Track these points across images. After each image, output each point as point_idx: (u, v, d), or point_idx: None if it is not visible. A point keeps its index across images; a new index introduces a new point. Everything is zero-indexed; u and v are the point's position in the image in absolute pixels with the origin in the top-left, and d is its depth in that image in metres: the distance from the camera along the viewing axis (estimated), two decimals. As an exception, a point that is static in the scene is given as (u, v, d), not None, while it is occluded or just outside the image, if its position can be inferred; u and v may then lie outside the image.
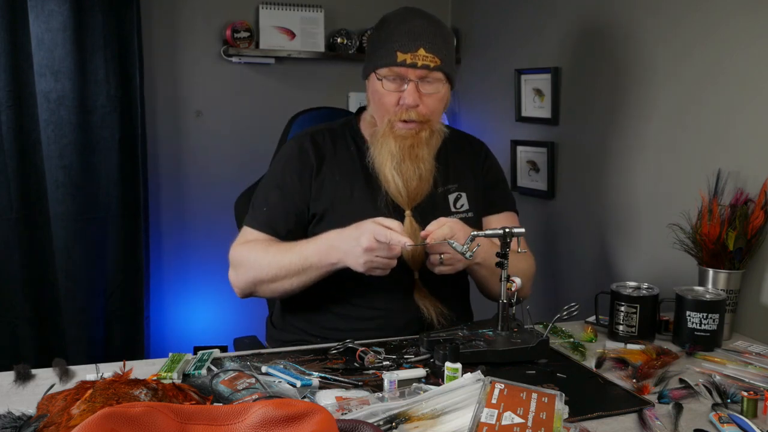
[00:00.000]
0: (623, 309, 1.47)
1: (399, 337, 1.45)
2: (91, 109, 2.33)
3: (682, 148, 1.78)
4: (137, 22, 2.38)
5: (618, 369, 1.30)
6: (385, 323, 1.50)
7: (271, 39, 2.66)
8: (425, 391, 1.08)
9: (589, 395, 1.18)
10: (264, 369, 1.23)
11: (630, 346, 1.42)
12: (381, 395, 1.09)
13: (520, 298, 1.42)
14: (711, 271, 1.54)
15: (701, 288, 1.51)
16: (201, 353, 1.30)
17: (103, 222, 2.40)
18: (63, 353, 2.31)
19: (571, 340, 1.45)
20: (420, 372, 1.24)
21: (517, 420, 0.94)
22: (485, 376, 1.07)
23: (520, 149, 2.45)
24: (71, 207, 2.31)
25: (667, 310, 1.51)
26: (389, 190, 1.52)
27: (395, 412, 1.00)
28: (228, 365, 1.25)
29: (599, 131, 2.08)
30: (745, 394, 1.12)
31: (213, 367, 1.23)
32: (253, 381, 1.14)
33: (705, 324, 1.42)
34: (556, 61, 2.25)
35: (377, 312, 1.52)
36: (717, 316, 1.42)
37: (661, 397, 1.16)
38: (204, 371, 1.21)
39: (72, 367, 1.24)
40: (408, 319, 1.52)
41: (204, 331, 2.72)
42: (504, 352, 1.31)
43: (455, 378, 1.12)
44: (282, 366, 1.24)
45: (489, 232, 1.36)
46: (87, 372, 1.21)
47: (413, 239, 1.39)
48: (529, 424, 0.93)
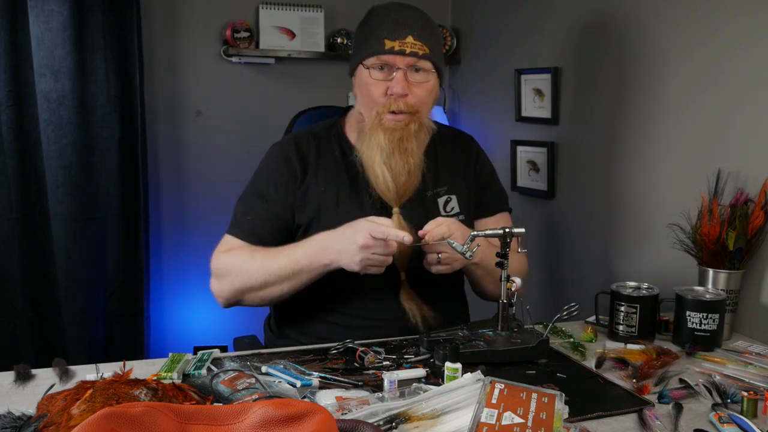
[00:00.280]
0: (623, 309, 1.47)
1: (399, 337, 1.45)
2: (91, 109, 2.33)
3: (682, 148, 1.78)
4: (137, 22, 2.39)
5: (618, 369, 1.30)
6: (373, 333, 1.47)
7: (271, 39, 2.66)
8: (425, 391, 1.08)
9: (589, 395, 1.18)
10: (264, 369, 1.23)
11: (630, 346, 1.42)
12: (381, 395, 1.09)
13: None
14: (711, 271, 1.54)
15: (701, 288, 1.51)
16: (201, 353, 1.29)
17: (103, 222, 2.40)
18: (63, 353, 2.31)
19: (571, 340, 1.45)
20: (420, 372, 1.24)
21: (517, 420, 0.93)
22: (485, 376, 1.07)
23: (520, 149, 2.45)
24: (71, 207, 2.31)
25: (667, 310, 1.50)
26: (378, 186, 1.49)
27: (395, 412, 1.00)
28: (228, 365, 1.25)
29: (599, 131, 2.08)
30: (745, 394, 1.12)
31: (213, 367, 1.23)
32: (253, 381, 1.14)
33: (705, 324, 1.42)
34: (556, 61, 2.25)
35: (364, 321, 1.50)
36: (717, 316, 1.42)
37: (661, 397, 1.16)
38: (204, 371, 1.21)
39: (72, 367, 1.24)
40: (395, 327, 1.49)
41: (204, 331, 2.72)
42: (504, 352, 1.31)
43: (455, 378, 1.12)
44: (282, 366, 1.24)
45: (489, 232, 1.36)
46: (87, 372, 1.21)
47: None
48: (529, 424, 0.93)
